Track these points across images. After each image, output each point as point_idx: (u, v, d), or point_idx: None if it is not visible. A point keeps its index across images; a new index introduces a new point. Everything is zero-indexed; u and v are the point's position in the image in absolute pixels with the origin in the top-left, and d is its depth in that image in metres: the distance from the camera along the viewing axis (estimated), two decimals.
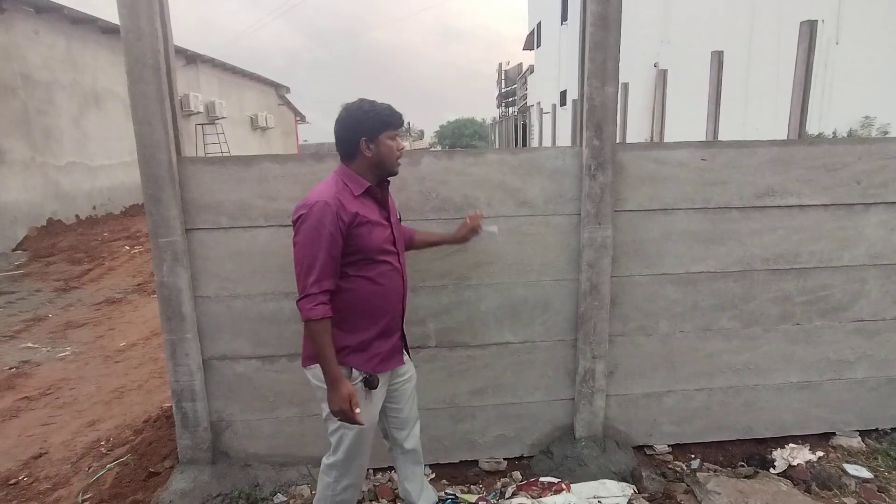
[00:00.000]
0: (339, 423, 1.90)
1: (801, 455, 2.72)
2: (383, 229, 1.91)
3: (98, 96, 10.97)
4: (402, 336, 2.09)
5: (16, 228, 8.71)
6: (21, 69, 8.97)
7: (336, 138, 1.89)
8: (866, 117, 12.89)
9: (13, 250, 8.47)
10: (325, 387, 1.83)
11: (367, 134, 1.84)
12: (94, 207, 10.59)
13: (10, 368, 4.27)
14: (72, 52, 10.24)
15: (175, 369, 2.43)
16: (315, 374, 1.90)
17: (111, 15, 9.30)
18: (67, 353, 4.59)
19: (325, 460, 2.03)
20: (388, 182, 2.00)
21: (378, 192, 1.93)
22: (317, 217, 1.75)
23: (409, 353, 2.18)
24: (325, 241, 1.76)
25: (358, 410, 1.80)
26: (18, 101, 8.89)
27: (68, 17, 9.92)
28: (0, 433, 3.28)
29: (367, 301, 1.90)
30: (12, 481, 2.78)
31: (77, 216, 10.09)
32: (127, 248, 8.61)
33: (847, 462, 2.69)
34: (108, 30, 10.84)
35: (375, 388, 1.93)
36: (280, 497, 2.51)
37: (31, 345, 4.81)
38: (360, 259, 1.85)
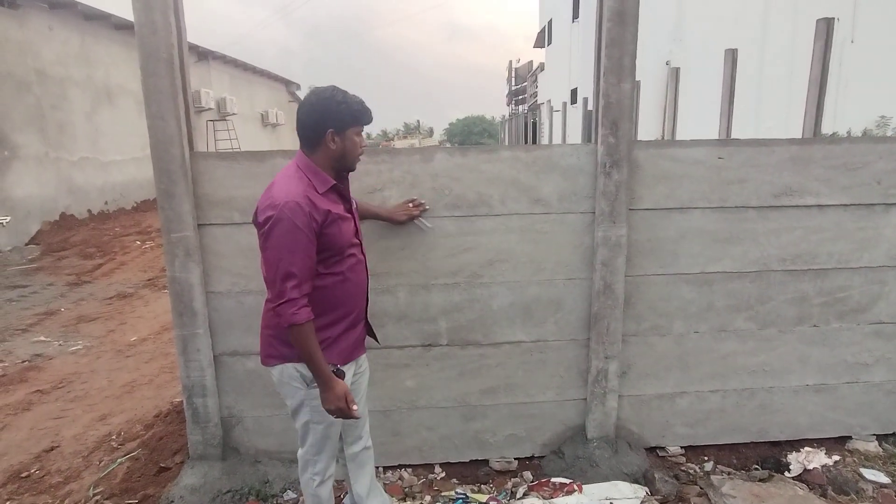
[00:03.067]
0: (309, 415, 1.92)
1: (816, 459, 2.68)
2: (349, 223, 1.89)
3: (111, 92, 11.05)
4: (367, 323, 2.07)
5: (29, 223, 8.79)
6: (35, 65, 9.05)
7: (301, 123, 1.80)
8: (882, 117, 12.69)
9: (26, 244, 8.55)
10: (294, 384, 1.87)
11: (335, 126, 1.77)
12: (105, 202, 10.68)
13: (23, 362, 4.31)
14: (85, 48, 10.32)
15: (186, 365, 2.43)
16: (282, 371, 1.89)
17: (124, 11, 9.35)
18: (79, 347, 4.63)
19: (298, 454, 2.06)
20: (347, 175, 1.94)
21: (341, 186, 1.88)
22: (290, 219, 1.68)
23: (373, 337, 2.17)
24: (302, 244, 1.70)
25: (355, 407, 1.80)
26: (33, 96, 8.97)
27: (82, 13, 10.00)
28: (13, 426, 3.31)
29: (336, 297, 1.87)
30: (24, 474, 2.80)
31: (89, 211, 10.18)
32: (138, 243, 8.67)
33: (864, 466, 2.65)
34: (122, 26, 10.92)
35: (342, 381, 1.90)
36: (290, 494, 2.50)
37: (44, 338, 4.85)
38: (330, 256, 1.82)
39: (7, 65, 8.45)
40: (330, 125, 1.77)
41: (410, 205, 2.38)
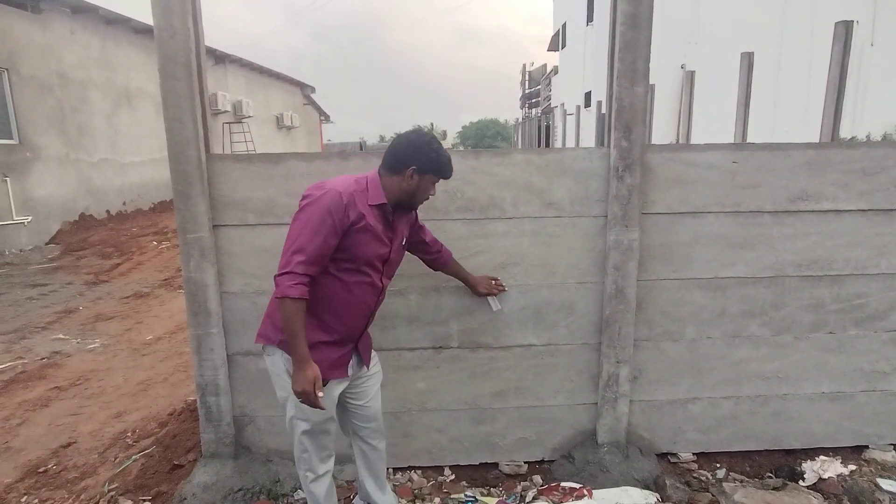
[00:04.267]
0: (293, 410, 1.94)
1: (832, 468, 2.63)
2: (380, 245, 1.91)
3: (130, 95, 11.24)
4: (356, 348, 2.04)
5: (50, 222, 8.97)
6: (57, 68, 9.24)
7: (391, 150, 1.93)
8: None
9: (47, 244, 8.72)
10: (284, 377, 1.90)
11: (419, 165, 1.88)
12: (123, 203, 10.85)
13: (42, 359, 4.39)
14: (106, 51, 10.51)
15: (200, 364, 2.46)
16: (273, 362, 1.94)
17: (144, 16, 9.53)
18: (96, 345, 4.70)
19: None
20: (410, 211, 2.03)
21: (389, 211, 1.94)
22: (326, 204, 1.77)
23: (372, 351, 2.16)
24: (326, 229, 1.77)
25: (321, 394, 1.80)
26: (54, 98, 9.15)
27: (103, 17, 10.19)
28: (31, 422, 3.37)
29: (331, 305, 1.89)
30: (42, 469, 2.85)
31: (108, 211, 10.35)
32: (154, 243, 8.79)
33: (881, 476, 2.60)
34: (141, 30, 11.11)
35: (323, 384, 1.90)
36: (300, 493, 2.52)
37: (63, 336, 4.93)
38: (344, 259, 1.85)
39: (30, 68, 8.65)
40: (415, 163, 1.88)
41: (494, 282, 2.47)
